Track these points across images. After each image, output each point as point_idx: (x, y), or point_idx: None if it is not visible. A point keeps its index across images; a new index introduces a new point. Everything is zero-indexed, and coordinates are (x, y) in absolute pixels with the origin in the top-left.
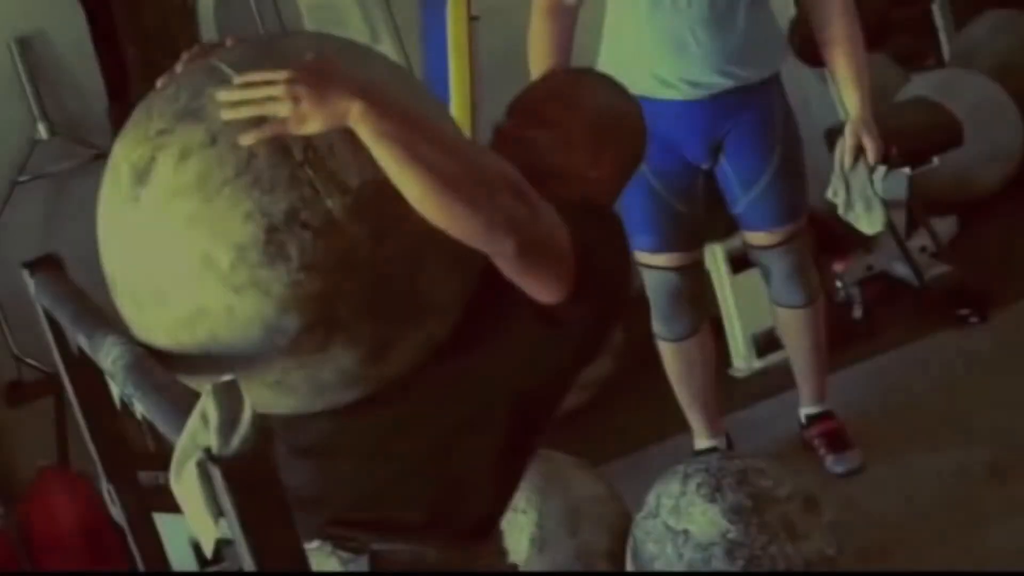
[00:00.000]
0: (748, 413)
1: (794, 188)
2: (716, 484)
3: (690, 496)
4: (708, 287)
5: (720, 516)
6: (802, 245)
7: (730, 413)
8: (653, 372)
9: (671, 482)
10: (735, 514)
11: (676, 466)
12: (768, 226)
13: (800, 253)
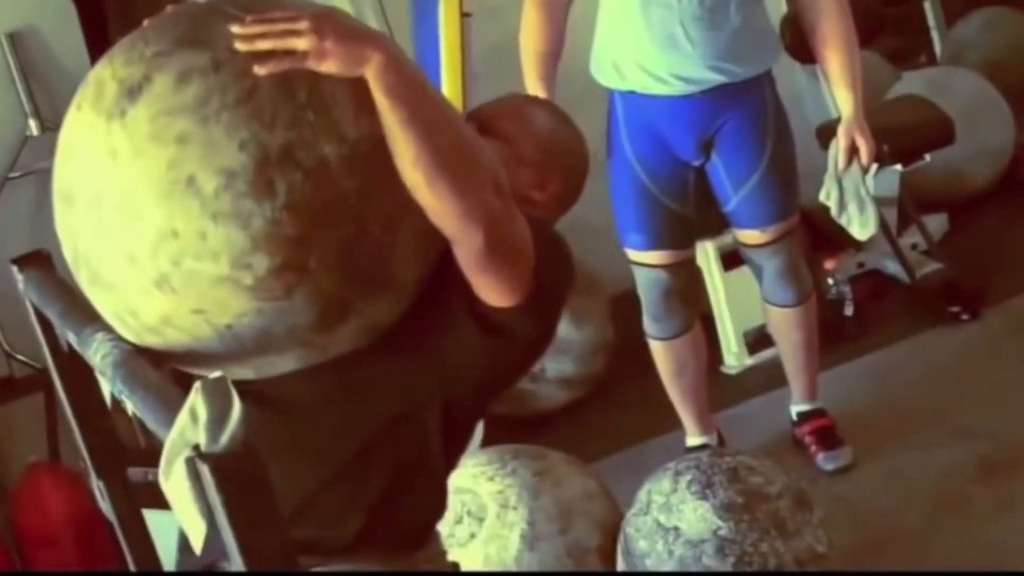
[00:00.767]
0: (739, 410)
1: (785, 187)
2: (707, 481)
3: (681, 493)
4: (699, 284)
5: (711, 513)
6: (793, 244)
7: (721, 410)
8: (644, 369)
9: (662, 479)
10: (726, 511)
11: (667, 463)
12: (759, 224)
13: (791, 252)
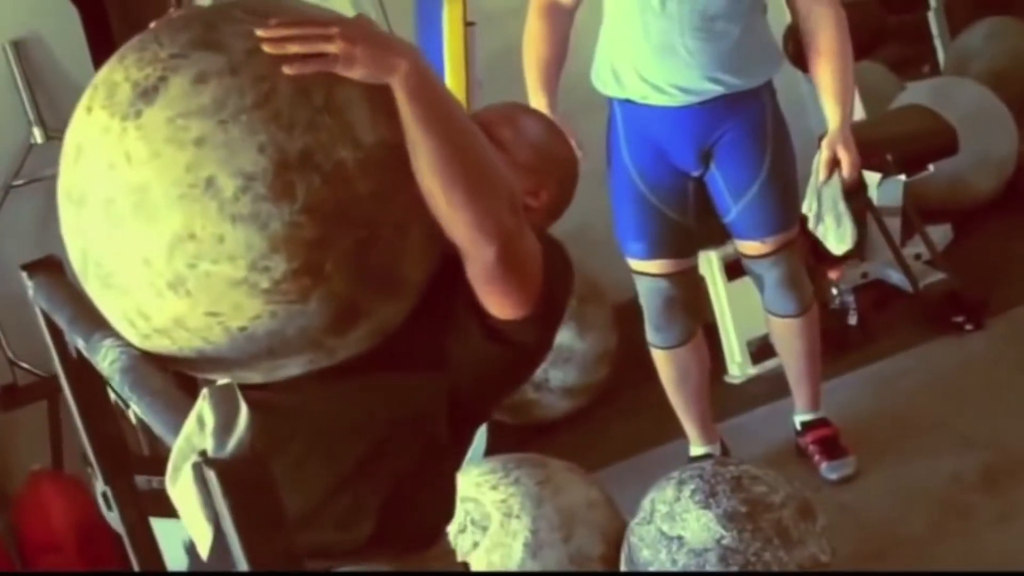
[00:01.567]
0: (743, 419)
1: (785, 198)
2: (711, 490)
3: (684, 502)
4: (702, 293)
5: (714, 522)
6: (793, 254)
7: (725, 419)
8: (648, 378)
9: (666, 488)
10: (729, 520)
11: (671, 472)
12: (759, 236)
13: (792, 262)
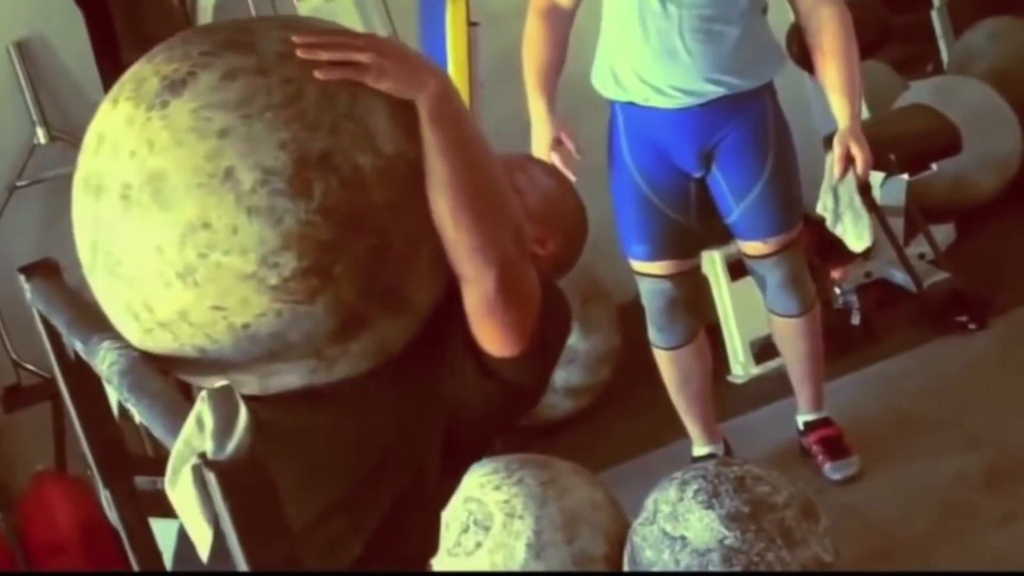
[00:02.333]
0: (746, 419)
1: (787, 198)
2: (714, 490)
3: (687, 502)
4: (705, 294)
5: (717, 523)
6: (796, 254)
7: (728, 419)
8: (651, 378)
9: (669, 488)
10: (732, 521)
11: (674, 472)
12: (761, 236)
13: (794, 262)
